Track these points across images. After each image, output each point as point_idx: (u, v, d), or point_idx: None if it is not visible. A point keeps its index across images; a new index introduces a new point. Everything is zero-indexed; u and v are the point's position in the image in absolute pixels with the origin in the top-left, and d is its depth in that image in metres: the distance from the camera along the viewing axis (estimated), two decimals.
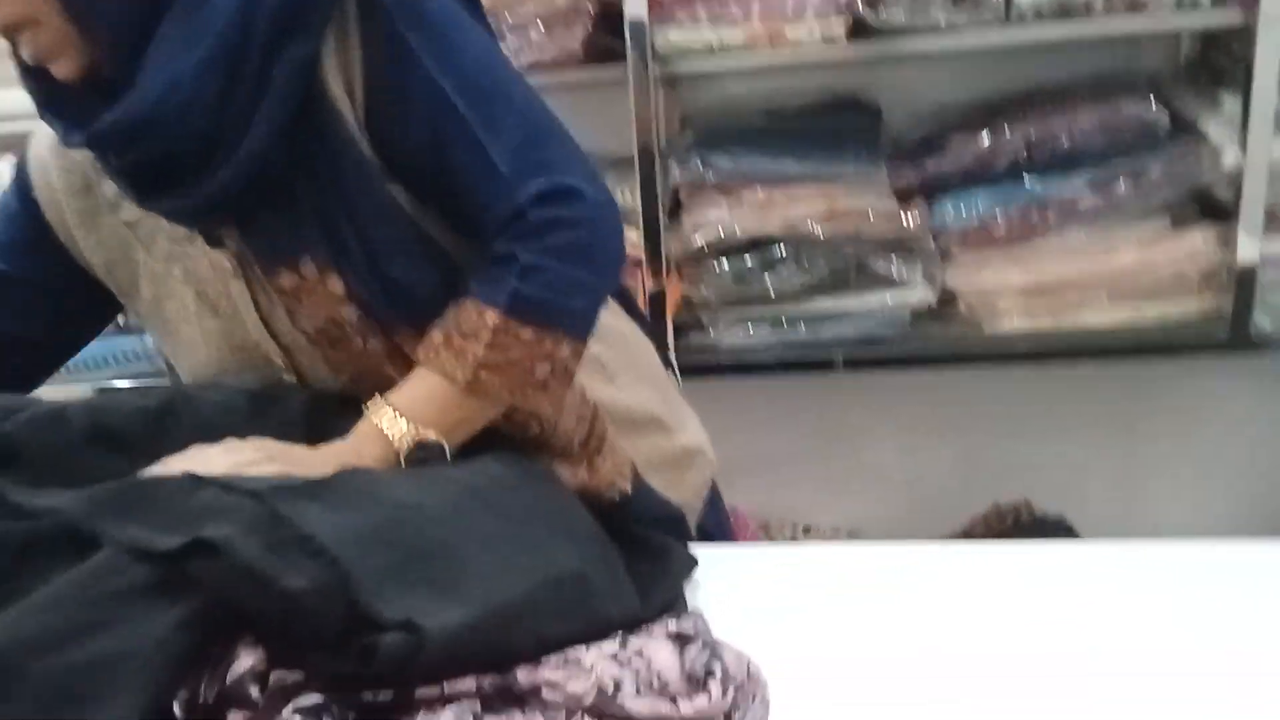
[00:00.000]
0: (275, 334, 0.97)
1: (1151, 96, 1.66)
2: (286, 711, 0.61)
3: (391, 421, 0.89)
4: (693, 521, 1.11)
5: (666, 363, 1.21)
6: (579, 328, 0.93)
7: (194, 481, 0.73)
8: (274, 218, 0.91)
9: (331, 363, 0.97)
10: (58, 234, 1.01)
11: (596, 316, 0.95)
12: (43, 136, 1.01)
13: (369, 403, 0.91)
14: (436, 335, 0.90)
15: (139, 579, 0.65)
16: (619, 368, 1.07)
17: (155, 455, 0.82)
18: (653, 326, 1.19)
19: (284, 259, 0.92)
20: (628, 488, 1.01)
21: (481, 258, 0.91)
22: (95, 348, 1.25)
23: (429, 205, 0.94)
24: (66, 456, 0.82)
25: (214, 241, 0.95)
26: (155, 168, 0.88)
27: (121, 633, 0.62)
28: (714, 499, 1.19)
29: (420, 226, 0.93)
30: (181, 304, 0.99)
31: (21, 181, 1.02)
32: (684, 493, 1.10)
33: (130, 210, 0.97)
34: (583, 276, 0.92)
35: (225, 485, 0.72)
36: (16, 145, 1.80)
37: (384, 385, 0.92)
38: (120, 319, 1.16)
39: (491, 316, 0.88)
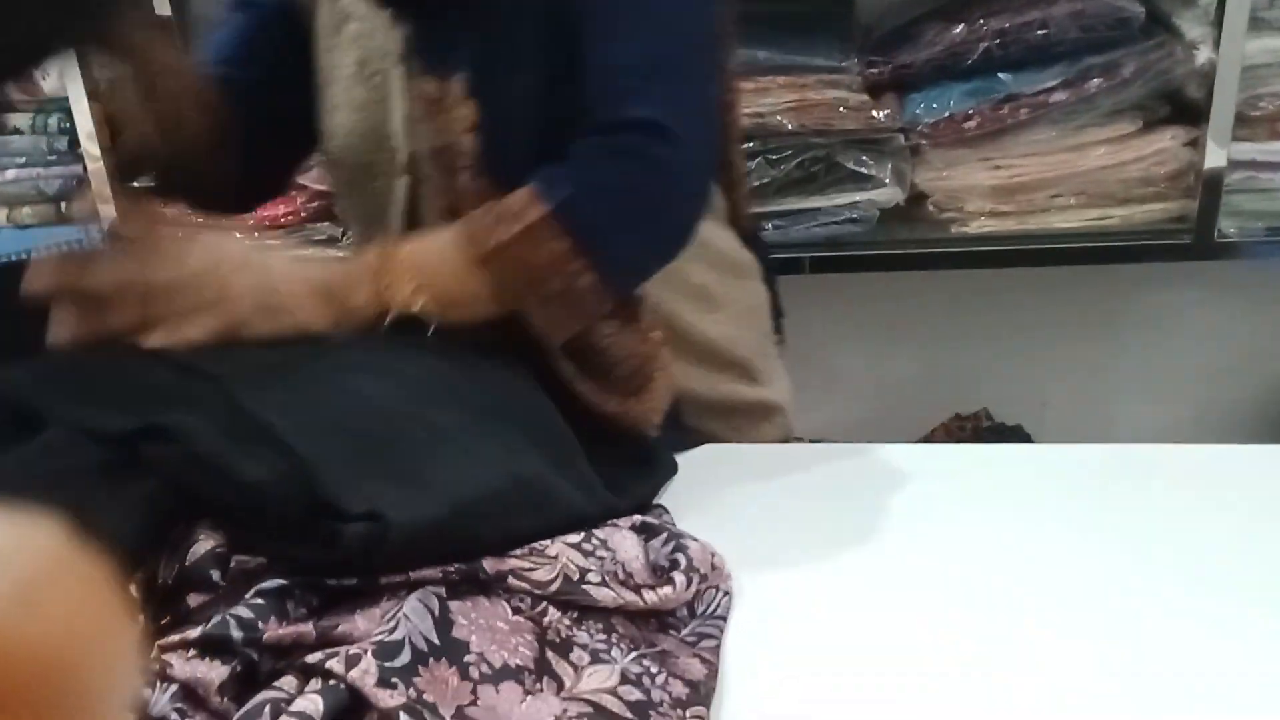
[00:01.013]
0: (411, 135, 0.95)
1: None
2: (249, 595, 0.60)
3: (396, 274, 0.84)
4: None
5: (778, 326, 1.16)
6: (611, 270, 0.86)
7: (148, 360, 0.70)
8: (447, 25, 0.90)
9: (437, 188, 0.94)
10: None
11: (633, 276, 0.90)
12: None
13: (384, 246, 0.86)
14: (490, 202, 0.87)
15: (92, 459, 0.63)
16: (725, 302, 1.04)
17: None
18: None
19: (439, 68, 0.90)
20: (647, 440, 0.93)
21: (560, 152, 0.87)
22: (36, 236, 1.19)
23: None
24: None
25: (395, 19, 0.93)
26: None
27: (76, 513, 0.60)
28: None
29: (560, 101, 0.89)
30: (341, 62, 0.97)
31: None
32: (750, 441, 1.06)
33: None
34: (638, 223, 0.87)
35: (181, 366, 0.70)
36: None
37: None
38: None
39: (537, 210, 0.83)
